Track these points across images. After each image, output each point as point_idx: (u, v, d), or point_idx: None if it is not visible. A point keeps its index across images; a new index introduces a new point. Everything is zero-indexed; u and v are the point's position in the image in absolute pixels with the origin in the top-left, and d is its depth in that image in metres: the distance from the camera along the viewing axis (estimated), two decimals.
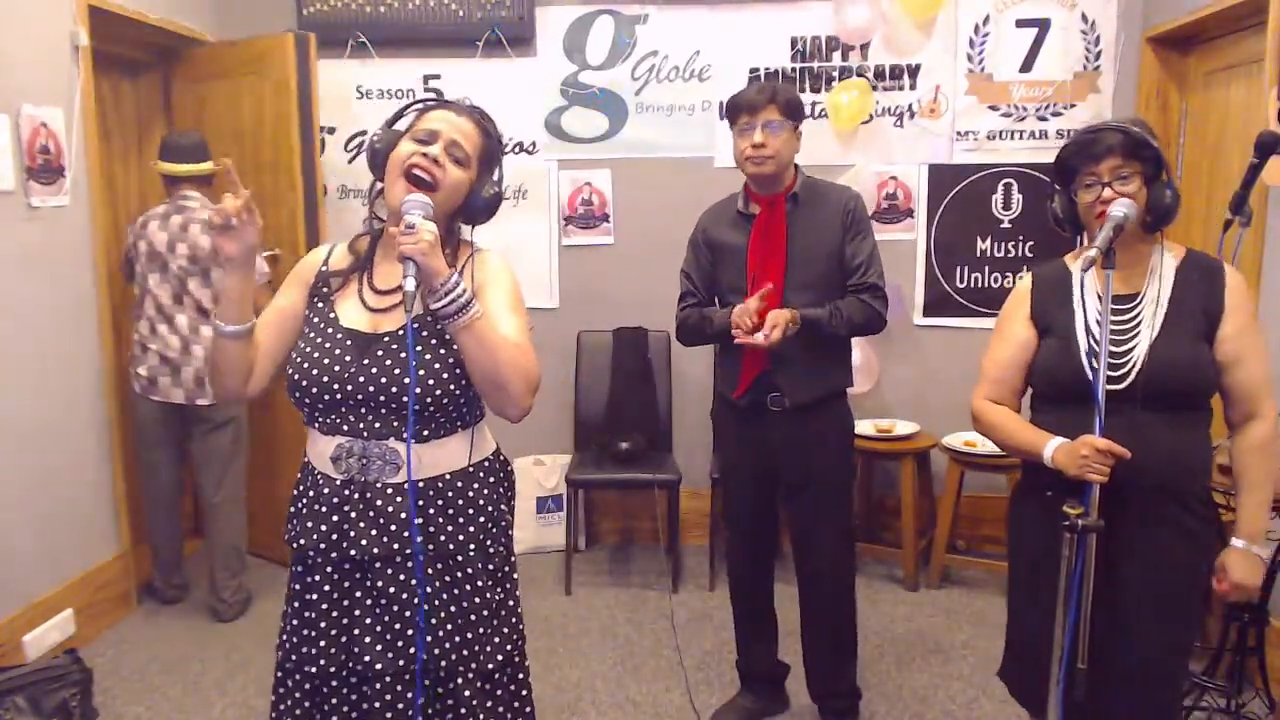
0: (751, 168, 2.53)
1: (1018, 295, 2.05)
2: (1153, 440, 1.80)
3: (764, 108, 2.49)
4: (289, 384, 1.67)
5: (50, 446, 3.17)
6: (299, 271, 1.79)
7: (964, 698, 2.97)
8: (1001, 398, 2.02)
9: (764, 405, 2.59)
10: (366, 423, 1.63)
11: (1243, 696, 2.65)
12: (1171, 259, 1.91)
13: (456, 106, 1.70)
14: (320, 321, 1.69)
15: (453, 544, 1.68)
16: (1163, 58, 3.80)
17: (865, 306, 2.56)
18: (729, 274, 2.64)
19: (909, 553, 3.78)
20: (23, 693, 2.61)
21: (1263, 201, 2.93)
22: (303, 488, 1.73)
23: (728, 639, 3.27)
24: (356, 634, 1.65)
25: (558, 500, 4.17)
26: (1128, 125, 1.86)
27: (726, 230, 2.65)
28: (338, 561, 1.66)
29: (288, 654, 1.72)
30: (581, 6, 4.07)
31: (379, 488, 1.64)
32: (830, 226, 2.57)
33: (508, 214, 4.14)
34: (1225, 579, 1.88)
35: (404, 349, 1.59)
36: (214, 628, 3.47)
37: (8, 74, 2.96)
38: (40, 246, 3.11)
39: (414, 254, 1.49)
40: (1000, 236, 4.07)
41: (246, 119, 3.84)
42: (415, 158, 1.60)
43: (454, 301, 1.53)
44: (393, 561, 1.64)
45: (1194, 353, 1.83)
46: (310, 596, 1.68)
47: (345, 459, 1.64)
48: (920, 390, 4.10)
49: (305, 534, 1.67)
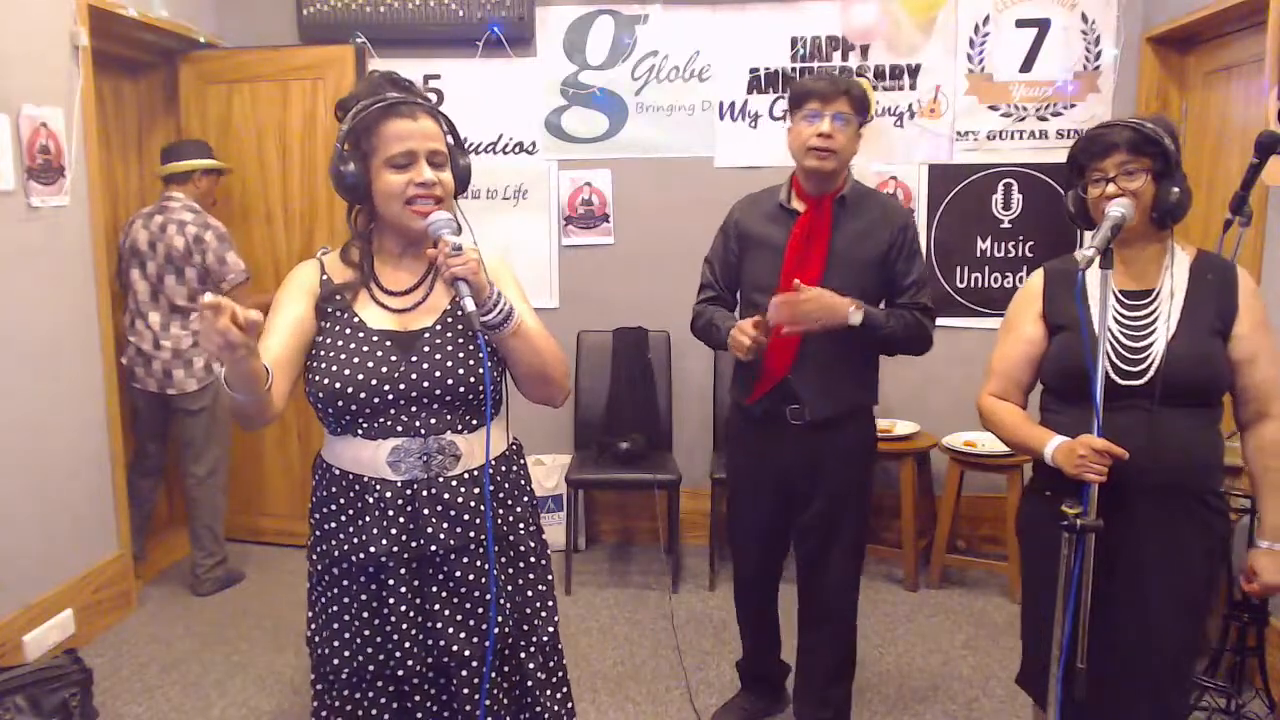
0: (814, 160, 2.33)
1: (1028, 292, 2.04)
2: (1171, 436, 1.81)
3: (837, 98, 2.31)
4: (325, 394, 1.63)
5: (50, 446, 3.17)
6: (301, 282, 1.74)
7: (964, 698, 2.97)
8: (1008, 394, 2.02)
9: (782, 417, 2.42)
10: (422, 419, 1.65)
11: (1243, 697, 2.65)
12: (1185, 256, 1.91)
13: (406, 109, 1.63)
14: (345, 329, 1.68)
15: (506, 525, 1.75)
16: (1163, 58, 3.80)
17: (920, 324, 2.42)
18: (760, 270, 2.46)
19: (909, 553, 3.77)
20: (23, 693, 2.61)
21: (1263, 201, 2.93)
22: (346, 499, 1.69)
23: (728, 639, 3.28)
24: (439, 626, 1.68)
25: (558, 500, 4.17)
26: (1140, 121, 1.85)
27: (764, 223, 2.47)
28: (408, 561, 1.67)
29: (363, 665, 1.70)
30: (581, 6, 4.07)
31: (442, 482, 1.67)
32: (876, 238, 2.41)
33: (508, 214, 4.21)
34: (1257, 580, 1.87)
35: (446, 344, 1.66)
36: (214, 628, 3.47)
37: (8, 74, 2.96)
38: (40, 246, 3.12)
39: (466, 274, 1.55)
40: (1000, 237, 4.07)
41: (294, 122, 4.01)
42: (411, 190, 1.62)
43: (501, 312, 1.62)
44: (466, 550, 1.68)
45: (1211, 350, 1.84)
46: (385, 600, 1.68)
47: (405, 460, 1.65)
48: (920, 390, 4.10)
49: (373, 542, 1.65)
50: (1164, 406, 1.81)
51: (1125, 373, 1.82)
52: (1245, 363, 1.85)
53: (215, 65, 4.06)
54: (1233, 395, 1.89)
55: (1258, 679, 2.69)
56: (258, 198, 4.11)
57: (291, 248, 4.11)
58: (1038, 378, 2.02)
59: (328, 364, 1.65)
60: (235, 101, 4.05)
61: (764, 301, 2.33)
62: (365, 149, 1.64)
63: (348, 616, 1.71)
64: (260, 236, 4.13)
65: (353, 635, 1.71)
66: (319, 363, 1.66)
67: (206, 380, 3.65)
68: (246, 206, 4.12)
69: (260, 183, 4.10)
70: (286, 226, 4.11)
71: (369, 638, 1.71)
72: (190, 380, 3.63)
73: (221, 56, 4.06)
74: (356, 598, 1.70)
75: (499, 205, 4.18)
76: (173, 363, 3.61)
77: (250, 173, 4.09)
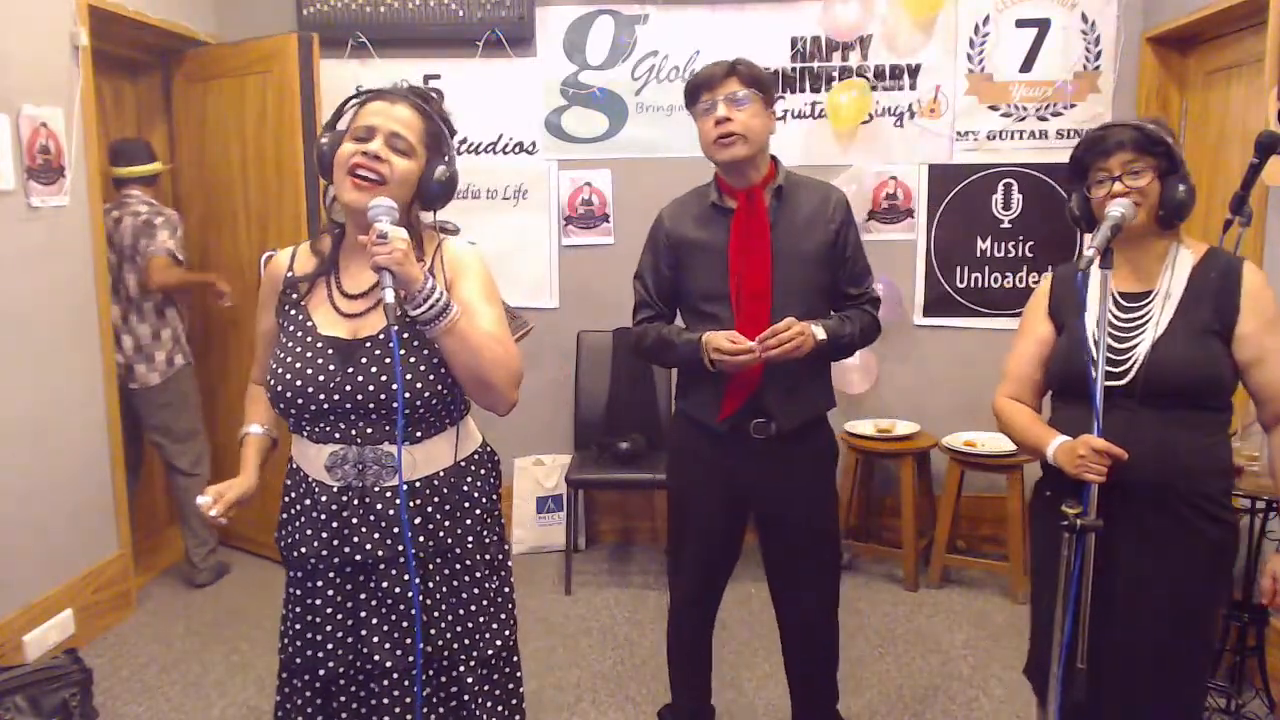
0: (720, 152, 2.19)
1: (1039, 293, 2.05)
2: (1150, 438, 1.79)
3: (724, 81, 2.17)
4: (272, 395, 1.66)
5: (50, 447, 3.17)
6: (267, 284, 1.77)
7: (964, 698, 2.97)
8: (1022, 395, 2.02)
9: (745, 431, 2.24)
10: (359, 429, 1.63)
11: (1243, 697, 2.65)
12: (1190, 256, 1.88)
13: (392, 94, 1.65)
14: (297, 330, 1.68)
15: (450, 538, 1.69)
16: (1163, 58, 3.80)
17: (872, 319, 2.33)
18: (704, 278, 2.28)
19: (909, 553, 3.77)
20: (23, 693, 2.61)
21: (1263, 201, 2.93)
22: (295, 494, 1.72)
23: (728, 639, 3.28)
24: (364, 634, 1.66)
25: (558, 500, 4.17)
26: (1143, 122, 1.85)
27: (698, 227, 2.29)
28: (339, 566, 1.66)
29: (291, 656, 1.73)
30: (581, 6, 4.07)
31: (377, 492, 1.64)
32: (817, 225, 2.26)
33: (508, 214, 4.21)
34: (1275, 588, 1.83)
35: (387, 354, 1.59)
36: (214, 628, 3.47)
37: (8, 74, 2.96)
38: (40, 246, 3.11)
39: (389, 264, 1.48)
40: (1000, 237, 4.07)
41: (250, 119, 3.86)
42: (356, 158, 1.58)
43: (432, 307, 1.53)
44: (395, 562, 1.65)
45: (1198, 351, 1.80)
46: (314, 601, 1.69)
47: (340, 467, 1.64)
48: (920, 390, 4.10)
49: (305, 542, 1.67)
50: (1147, 408, 1.80)
51: (1109, 373, 1.81)
52: (1253, 363, 1.81)
53: (196, 64, 4.03)
54: (1251, 397, 1.86)
55: (1258, 679, 2.69)
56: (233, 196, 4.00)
57: (251, 247, 3.94)
58: None
59: (277, 364, 1.66)
60: (209, 99, 3.99)
61: (716, 311, 2.23)
62: (344, 129, 1.65)
63: (290, 611, 1.74)
64: (227, 236, 4.02)
65: (289, 629, 1.73)
66: (273, 362, 1.68)
67: (169, 373, 3.68)
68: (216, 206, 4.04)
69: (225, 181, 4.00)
70: (247, 225, 3.97)
71: (299, 631, 1.72)
72: (153, 374, 3.66)
73: (201, 54, 4.03)
74: (293, 591, 1.73)
75: (499, 205, 4.18)
76: (134, 357, 3.64)
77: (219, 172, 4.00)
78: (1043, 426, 1.94)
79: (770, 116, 2.24)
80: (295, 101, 3.68)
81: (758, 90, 2.19)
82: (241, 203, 3.95)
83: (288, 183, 3.75)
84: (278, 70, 3.74)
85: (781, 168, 2.30)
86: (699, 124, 2.24)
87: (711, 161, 2.27)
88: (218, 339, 4.09)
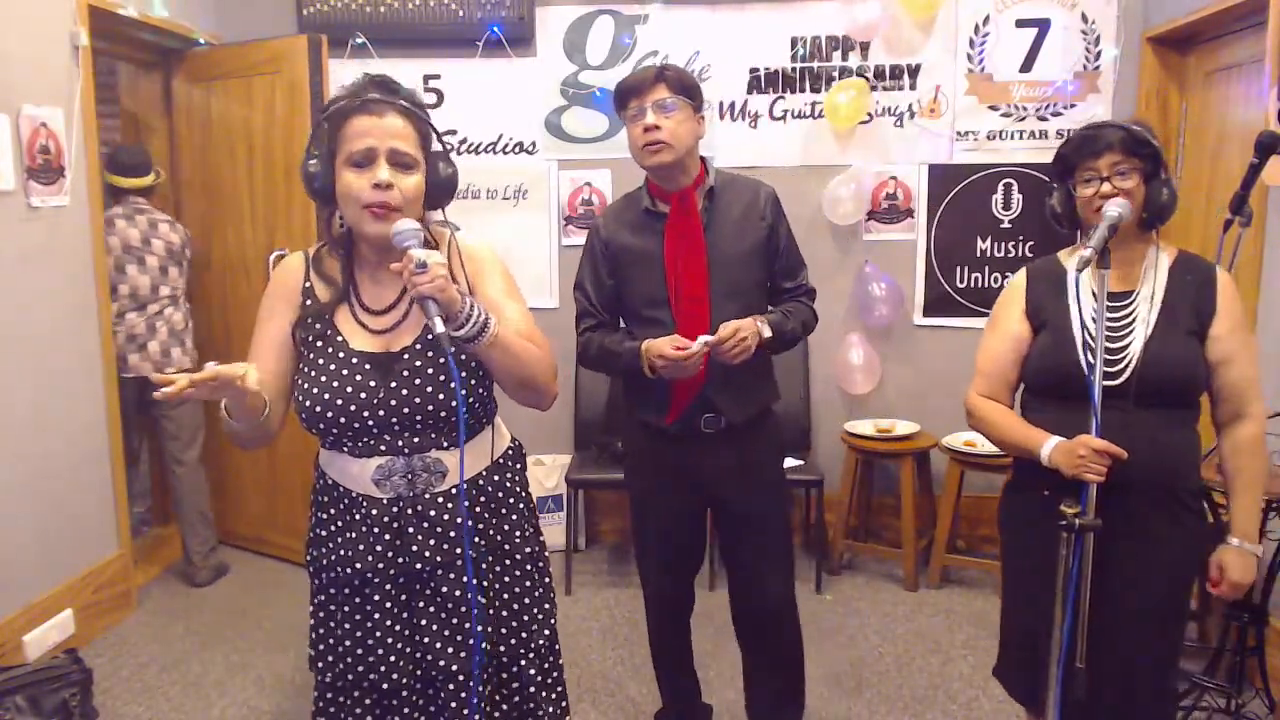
0: (648, 157, 2.21)
1: (1012, 290, 2.05)
2: (1145, 437, 1.81)
3: (652, 87, 2.20)
4: (309, 416, 1.61)
5: (50, 446, 3.17)
6: (281, 290, 1.70)
7: (964, 698, 2.97)
8: (995, 393, 2.02)
9: (696, 428, 2.29)
10: (405, 439, 1.62)
11: (1243, 697, 2.65)
12: (1165, 258, 1.92)
13: (375, 105, 1.56)
14: (327, 346, 1.63)
15: (499, 535, 1.73)
16: (1163, 58, 3.80)
17: (811, 312, 2.38)
18: (643, 285, 2.30)
19: (909, 553, 3.77)
20: (23, 693, 2.62)
21: (1263, 201, 2.94)
22: (335, 510, 1.69)
23: (728, 639, 3.27)
24: (425, 641, 1.66)
25: (558, 500, 4.17)
26: (1130, 124, 1.87)
27: (633, 234, 2.32)
28: (394, 576, 1.66)
29: (343, 672, 1.70)
30: (581, 6, 4.07)
31: (429, 499, 1.64)
32: (750, 223, 2.30)
33: (508, 214, 4.20)
34: (1224, 578, 1.89)
35: (427, 364, 1.60)
36: (214, 628, 3.47)
37: (8, 74, 2.96)
38: (40, 246, 3.12)
39: (433, 293, 1.47)
40: (1000, 237, 4.07)
41: (257, 120, 3.87)
42: (367, 195, 1.53)
43: (475, 324, 1.54)
44: (453, 566, 1.65)
45: (1187, 351, 1.84)
46: (370, 613, 1.67)
47: (389, 479, 1.63)
48: (920, 390, 4.10)
49: (359, 557, 1.64)
50: (1139, 407, 1.82)
51: (1103, 373, 1.82)
52: (1222, 363, 1.86)
53: (199, 64, 4.03)
54: (1210, 395, 1.90)
55: (1258, 679, 2.69)
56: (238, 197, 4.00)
57: (257, 248, 3.95)
58: None
59: (310, 384, 1.61)
60: (213, 100, 3.98)
61: (658, 316, 2.26)
62: (332, 148, 1.58)
63: (332, 624, 1.71)
64: (232, 236, 4.02)
65: (336, 642, 1.70)
66: (303, 381, 1.63)
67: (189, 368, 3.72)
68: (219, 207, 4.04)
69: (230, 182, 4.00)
70: (252, 226, 3.97)
71: (350, 648, 1.69)
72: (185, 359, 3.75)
73: (203, 55, 4.02)
74: (342, 607, 1.70)
75: (499, 205, 4.19)
76: (169, 342, 3.72)
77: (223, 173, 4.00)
78: (1031, 427, 1.94)
79: (699, 121, 2.28)
80: (305, 102, 3.70)
81: (685, 97, 2.23)
82: (247, 204, 3.96)
83: (296, 184, 3.68)
84: (286, 71, 3.76)
85: (712, 169, 2.34)
86: (628, 129, 2.27)
87: (641, 166, 2.29)
88: (218, 340, 4.10)
